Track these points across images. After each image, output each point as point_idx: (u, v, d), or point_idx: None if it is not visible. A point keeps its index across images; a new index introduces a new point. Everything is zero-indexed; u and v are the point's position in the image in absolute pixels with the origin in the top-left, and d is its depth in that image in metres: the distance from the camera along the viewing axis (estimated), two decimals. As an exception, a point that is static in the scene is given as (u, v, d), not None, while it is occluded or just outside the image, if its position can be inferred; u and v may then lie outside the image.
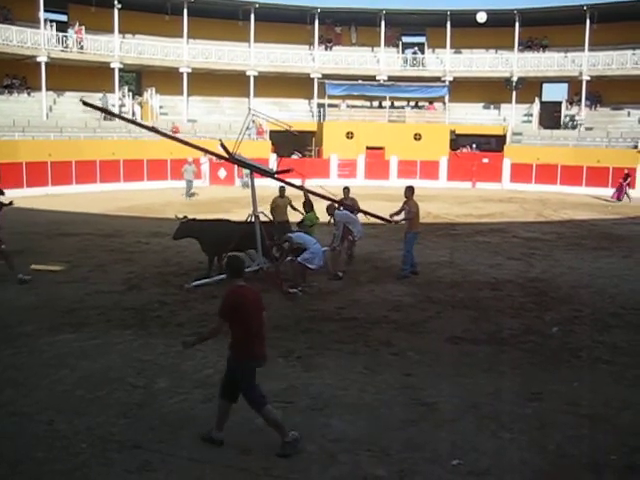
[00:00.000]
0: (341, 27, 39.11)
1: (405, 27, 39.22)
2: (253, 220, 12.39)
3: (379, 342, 8.95)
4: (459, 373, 7.83)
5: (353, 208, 13.86)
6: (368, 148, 35.09)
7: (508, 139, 35.27)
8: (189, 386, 7.28)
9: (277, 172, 13.35)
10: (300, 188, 13.71)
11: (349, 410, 6.72)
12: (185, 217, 12.77)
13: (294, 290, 11.56)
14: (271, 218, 13.26)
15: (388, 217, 13.16)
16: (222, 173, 31.38)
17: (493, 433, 6.27)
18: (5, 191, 13.64)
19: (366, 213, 13.40)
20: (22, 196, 24.52)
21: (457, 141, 36.59)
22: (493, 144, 36.73)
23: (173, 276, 12.65)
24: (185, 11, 33.95)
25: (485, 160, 34.86)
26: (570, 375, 7.82)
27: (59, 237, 16.75)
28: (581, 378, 7.74)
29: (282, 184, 13.71)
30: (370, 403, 6.93)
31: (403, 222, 13.13)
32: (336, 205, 13.52)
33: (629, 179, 29.33)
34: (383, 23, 36.80)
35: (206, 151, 12.90)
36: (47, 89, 30.64)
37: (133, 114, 33.00)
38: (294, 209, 14.10)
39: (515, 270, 13.86)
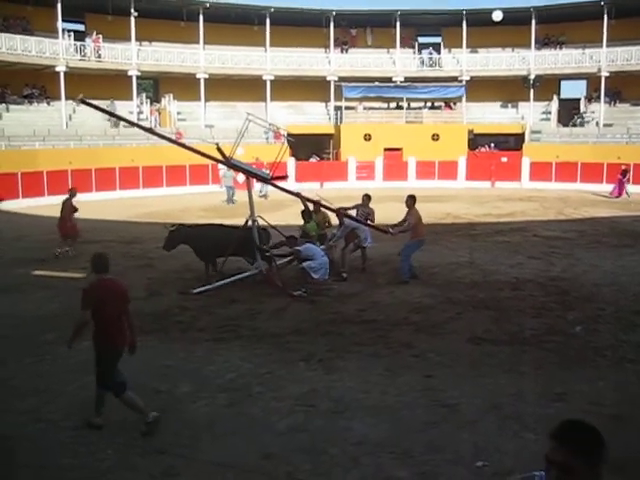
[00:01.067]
0: (356, 29, 39.10)
1: (420, 28, 39.12)
2: (250, 225, 12.46)
3: (400, 344, 8.94)
4: (480, 374, 7.80)
5: (355, 217, 13.49)
6: (386, 150, 35.04)
7: (527, 137, 35.07)
8: (212, 390, 7.32)
9: (273, 178, 13.38)
10: (297, 195, 13.65)
11: (371, 413, 6.72)
12: (173, 225, 12.79)
13: (298, 292, 11.61)
14: (269, 223, 13.12)
15: (386, 228, 12.93)
16: (240, 178, 31.43)
17: (516, 434, 6.24)
18: (28, 200, 13.86)
19: (366, 224, 13.27)
20: (43, 204, 24.85)
21: (475, 141, 36.43)
22: (512, 143, 36.52)
23: (194, 281, 12.71)
24: (201, 17, 34.13)
25: (504, 159, 34.66)
26: (594, 375, 7.76)
27: (80, 244, 16.86)
28: (605, 377, 7.67)
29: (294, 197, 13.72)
30: (392, 405, 6.92)
31: (400, 233, 12.89)
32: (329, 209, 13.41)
33: (628, 175, 28.99)
34: (398, 24, 36.73)
35: (204, 155, 12.88)
36: (66, 98, 30.89)
37: (151, 121, 33.22)
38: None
39: (536, 269, 13.77)
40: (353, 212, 13.78)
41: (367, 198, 14.03)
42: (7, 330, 9.60)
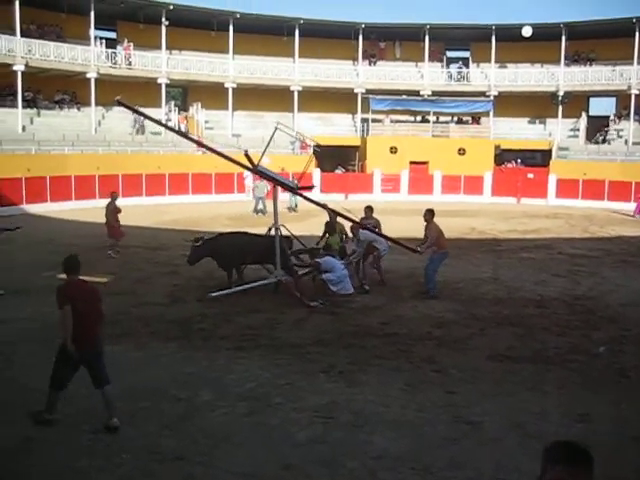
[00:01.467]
0: (385, 42, 39.16)
1: (449, 42, 39.08)
2: (273, 233, 12.48)
3: (421, 359, 8.87)
4: (503, 391, 7.71)
5: (373, 230, 13.46)
6: (412, 163, 34.98)
7: (554, 154, 34.82)
8: (232, 399, 7.31)
9: (300, 187, 13.39)
10: (323, 207, 13.64)
11: (391, 427, 6.66)
12: (197, 240, 12.81)
13: (315, 303, 11.59)
14: (291, 233, 13.14)
15: (415, 247, 12.84)
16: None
17: (538, 453, 6.11)
18: (56, 203, 14.09)
19: (391, 240, 13.21)
20: (70, 209, 25.14)
21: (502, 156, 36.25)
22: (538, 159, 36.27)
23: (217, 289, 12.75)
24: (231, 27, 34.41)
25: (530, 175, 34.42)
26: (618, 396, 7.63)
27: (106, 249, 17.03)
28: (629, 399, 7.55)
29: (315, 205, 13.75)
30: (412, 420, 6.86)
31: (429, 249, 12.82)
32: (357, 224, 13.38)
33: None
34: (427, 38, 36.74)
35: (232, 160, 12.93)
36: (96, 104, 31.31)
37: (179, 129, 33.43)
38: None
39: (561, 287, 13.63)
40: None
41: (369, 210, 14.02)
42: (32, 333, 9.69)
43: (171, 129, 17.59)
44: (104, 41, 33.03)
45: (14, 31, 28.88)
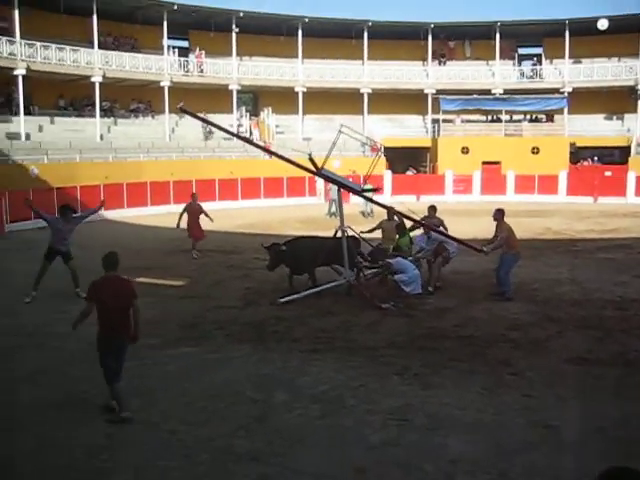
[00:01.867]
0: (455, 41, 38.73)
1: (521, 38, 38.28)
2: (340, 235, 12.49)
3: (497, 361, 8.72)
4: (582, 396, 7.50)
5: (440, 230, 13.30)
6: (484, 163, 34.45)
7: (633, 150, 33.68)
8: (306, 401, 7.35)
9: (364, 190, 13.35)
10: (389, 209, 13.55)
11: (467, 430, 6.57)
12: (278, 244, 12.83)
13: (386, 305, 11.51)
14: (357, 233, 13.12)
15: (480, 247, 12.61)
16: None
17: (621, 460, 5.93)
18: (132, 209, 14.52)
19: (456, 240, 13.03)
20: (146, 214, 25.80)
21: (577, 154, 35.29)
22: (616, 156, 35.16)
23: (286, 294, 12.85)
24: (300, 32, 34.69)
25: (608, 173, 33.39)
26: None
27: (181, 253, 17.41)
28: None
29: (378, 205, 13.71)
30: (488, 424, 6.75)
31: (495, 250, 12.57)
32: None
33: None
34: (498, 35, 36.15)
35: (298, 166, 12.98)
36: (170, 112, 32.05)
37: (250, 134, 33.95)
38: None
39: (642, 288, 13.16)
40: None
41: (433, 209, 13.91)
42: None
43: (232, 133, 17.85)
44: (177, 50, 33.88)
45: (92, 44, 29.90)
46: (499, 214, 12.63)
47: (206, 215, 17.29)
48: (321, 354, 9.06)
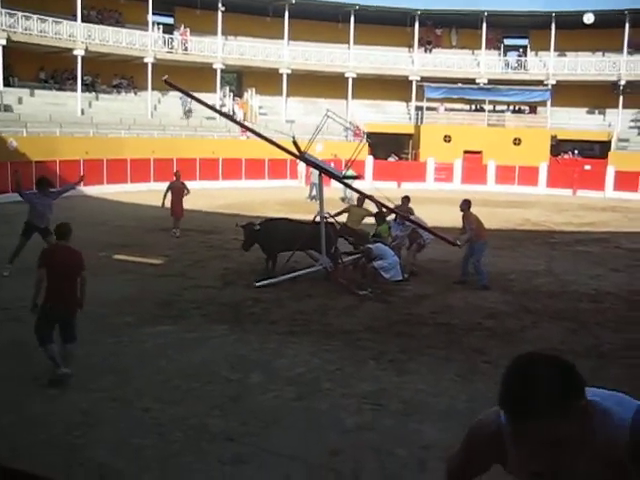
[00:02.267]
0: (442, 29, 38.70)
1: (507, 29, 38.37)
2: (319, 221, 12.48)
3: (472, 349, 8.79)
4: (555, 386, 7.58)
5: (414, 220, 13.42)
6: (466, 152, 34.58)
7: (613, 145, 33.98)
8: (281, 383, 7.37)
9: (345, 177, 13.36)
10: (369, 198, 13.58)
11: (441, 417, 6.63)
12: (254, 224, 12.75)
13: (363, 292, 11.55)
14: (337, 221, 13.20)
15: (454, 241, 12.73)
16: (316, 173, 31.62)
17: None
18: (112, 186, 14.40)
19: (430, 231, 13.09)
20: (125, 191, 25.61)
21: (558, 147, 35.53)
22: (597, 150, 35.45)
23: (262, 278, 12.85)
24: (286, 13, 34.46)
25: (587, 167, 33.68)
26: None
27: (159, 232, 17.32)
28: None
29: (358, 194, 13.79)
30: (462, 411, 6.80)
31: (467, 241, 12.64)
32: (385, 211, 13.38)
33: None
34: (485, 25, 36.18)
35: (280, 148, 12.92)
36: (152, 89, 31.76)
37: (234, 114, 33.73)
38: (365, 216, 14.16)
39: (618, 282, 13.31)
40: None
41: (407, 200, 14.08)
42: (88, 311, 9.89)
43: (217, 111, 17.85)
44: (161, 26, 33.49)
45: (75, 16, 29.45)
46: (465, 204, 12.75)
47: (187, 191, 17.20)
48: (298, 337, 9.08)
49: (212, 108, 15.83)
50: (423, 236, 13.24)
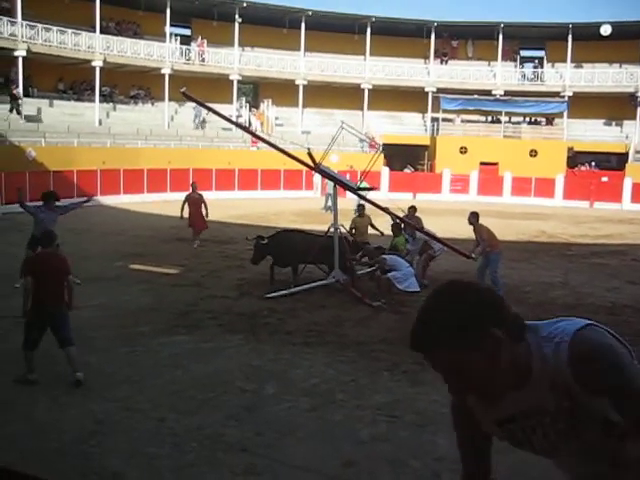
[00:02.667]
0: (458, 40, 38.73)
1: (524, 41, 38.35)
2: (332, 233, 12.46)
3: (487, 361, 8.73)
4: (571, 399, 7.52)
5: (426, 231, 13.37)
6: (482, 164, 34.52)
7: (630, 157, 33.80)
8: (296, 394, 7.37)
9: (359, 188, 13.35)
10: (385, 210, 13.56)
11: (455, 429, 6.58)
12: (262, 237, 12.82)
13: (377, 303, 11.54)
14: (349, 233, 13.25)
15: (469, 254, 12.67)
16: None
17: None
18: (128, 196, 14.49)
19: (445, 244, 13.00)
20: (142, 201, 25.77)
21: (575, 159, 35.38)
22: (614, 162, 35.27)
23: (283, 285, 12.88)
24: (303, 25, 34.62)
25: (604, 179, 33.49)
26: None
27: (175, 242, 17.41)
28: None
29: (361, 203, 13.75)
30: (477, 423, 6.77)
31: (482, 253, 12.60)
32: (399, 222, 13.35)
33: None
34: (501, 37, 36.17)
35: (295, 159, 12.95)
36: (169, 100, 32.02)
37: (250, 125, 33.91)
38: (374, 228, 14.18)
39: (635, 295, 13.19)
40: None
41: (413, 209, 14.08)
42: (105, 320, 9.99)
43: (233, 122, 17.96)
44: (179, 38, 33.80)
45: (94, 28, 29.78)
46: (474, 217, 12.68)
47: (205, 207, 17.10)
48: (313, 348, 9.07)
49: (228, 119, 15.95)
50: (434, 247, 13.20)
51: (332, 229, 12.52)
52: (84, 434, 6.17)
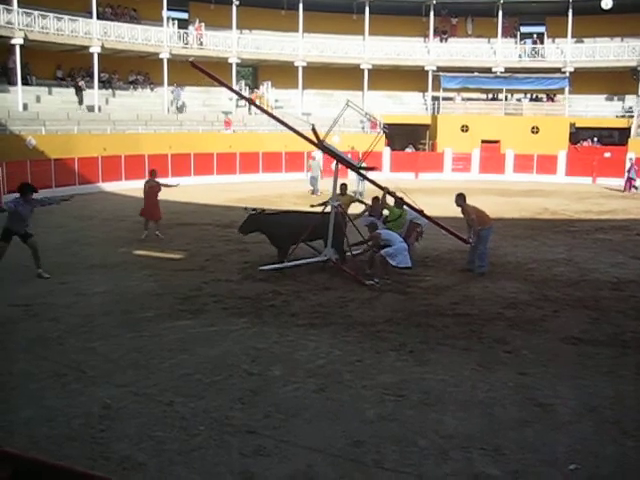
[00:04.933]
0: (457, 18, 38.42)
1: (523, 16, 38.00)
2: (328, 210, 12.51)
3: (493, 339, 8.76)
4: (577, 375, 7.54)
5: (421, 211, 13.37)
6: (483, 142, 34.38)
7: (633, 132, 33.59)
8: (302, 375, 7.39)
9: (361, 167, 13.33)
10: (384, 189, 13.51)
11: (462, 407, 6.62)
12: (255, 210, 12.94)
13: (371, 282, 11.54)
14: (345, 213, 13.23)
15: (466, 238, 12.63)
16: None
17: (614, 439, 6.00)
18: (130, 182, 14.46)
19: (444, 228, 12.92)
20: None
21: (577, 134, 35.21)
22: (616, 137, 35.07)
23: (268, 263, 12.89)
24: (301, 5, 34.37)
25: (607, 154, 33.33)
26: (700, 382, 7.36)
27: (178, 227, 17.41)
28: None
29: (344, 182, 13.88)
30: (483, 401, 6.80)
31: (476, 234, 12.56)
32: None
33: (632, 170, 28.88)
34: (500, 13, 35.87)
35: (300, 135, 12.95)
36: (168, 84, 31.86)
37: (250, 108, 33.82)
38: (362, 202, 14.31)
39: (639, 270, 13.19)
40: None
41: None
42: (110, 306, 10.02)
43: (243, 97, 17.96)
44: (176, 22, 33.55)
45: (91, 14, 29.57)
46: (460, 199, 12.61)
47: (167, 186, 16.47)
48: (318, 329, 9.09)
49: (238, 93, 15.89)
50: (421, 224, 13.20)
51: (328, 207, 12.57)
52: (92, 419, 6.21)
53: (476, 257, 12.59)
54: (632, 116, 34.37)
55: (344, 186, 13.98)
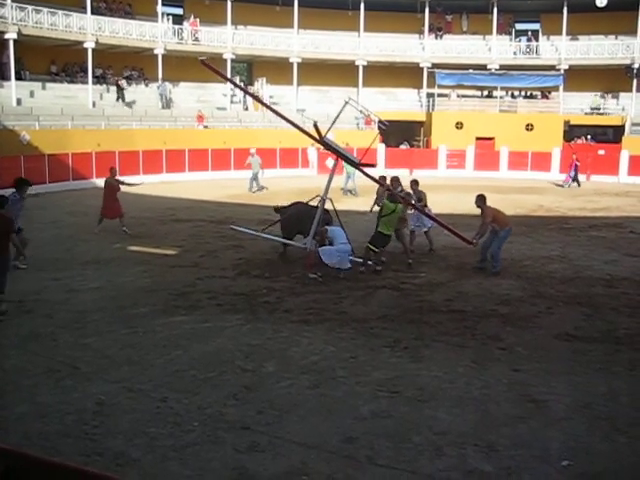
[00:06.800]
0: (452, 15, 38.39)
1: (518, 14, 37.98)
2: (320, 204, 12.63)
3: (487, 336, 8.78)
4: (570, 371, 7.57)
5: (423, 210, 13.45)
6: (478, 139, 34.37)
7: (627, 130, 33.63)
8: (296, 371, 7.39)
9: (361, 164, 13.36)
10: (381, 184, 13.50)
11: (456, 403, 6.63)
12: (278, 208, 13.19)
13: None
14: (334, 207, 13.33)
15: (470, 239, 12.62)
16: (330, 162, 31.51)
17: (606, 435, 6.02)
18: (124, 177, 14.43)
19: (447, 227, 12.92)
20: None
21: (571, 132, 35.24)
22: (610, 135, 35.12)
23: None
24: (296, 2, 34.27)
25: (601, 152, 33.39)
26: (692, 379, 7.40)
27: (173, 223, 17.38)
28: None
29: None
30: (477, 397, 6.82)
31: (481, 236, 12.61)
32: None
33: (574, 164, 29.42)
34: (495, 10, 35.84)
35: (302, 131, 12.99)
36: (163, 80, 31.77)
37: (245, 103, 33.79)
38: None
39: (632, 267, 13.23)
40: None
41: (415, 184, 14.15)
42: (104, 302, 10.00)
43: (252, 95, 17.91)
44: (171, 17, 33.44)
45: (85, 9, 29.44)
46: (481, 201, 12.58)
47: (129, 184, 16.31)
48: (312, 325, 9.10)
49: (243, 89, 15.84)
50: (408, 221, 13.22)
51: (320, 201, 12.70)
52: (86, 415, 6.20)
53: (489, 256, 12.61)
54: (626, 114, 34.41)
55: (395, 179, 13.94)
